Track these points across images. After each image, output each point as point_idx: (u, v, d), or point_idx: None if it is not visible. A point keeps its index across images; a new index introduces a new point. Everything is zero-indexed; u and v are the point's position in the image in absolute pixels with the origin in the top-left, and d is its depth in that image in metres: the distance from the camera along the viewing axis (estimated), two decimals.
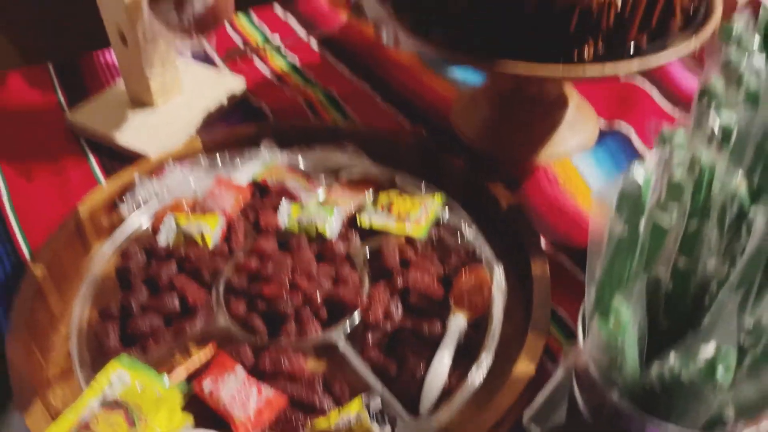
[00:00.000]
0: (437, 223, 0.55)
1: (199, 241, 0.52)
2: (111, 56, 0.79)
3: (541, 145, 0.65)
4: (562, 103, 0.66)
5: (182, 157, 0.60)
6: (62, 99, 0.73)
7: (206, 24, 0.59)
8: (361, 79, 0.77)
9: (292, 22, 0.88)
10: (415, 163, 0.61)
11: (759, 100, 0.39)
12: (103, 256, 0.53)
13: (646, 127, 0.69)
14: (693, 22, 0.57)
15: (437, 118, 0.71)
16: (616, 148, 0.66)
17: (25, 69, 0.77)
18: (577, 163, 0.65)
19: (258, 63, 0.80)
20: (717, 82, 0.39)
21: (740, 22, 0.45)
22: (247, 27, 0.86)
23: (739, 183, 0.34)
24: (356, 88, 0.76)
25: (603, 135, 0.68)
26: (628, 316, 0.31)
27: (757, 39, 0.43)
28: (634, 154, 0.66)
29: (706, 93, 0.39)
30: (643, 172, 0.32)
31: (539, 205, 0.60)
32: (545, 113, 0.66)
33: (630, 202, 0.33)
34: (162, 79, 0.68)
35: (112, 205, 0.56)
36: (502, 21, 0.52)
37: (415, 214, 0.54)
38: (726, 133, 0.37)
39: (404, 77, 0.77)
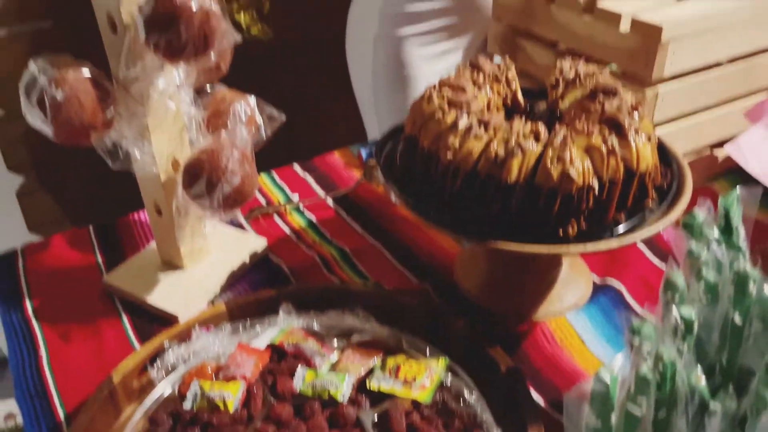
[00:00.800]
0: (441, 387, 0.59)
1: (221, 406, 0.57)
2: (145, 217, 0.87)
3: (538, 303, 0.71)
4: (556, 263, 0.72)
5: (208, 321, 0.66)
6: (100, 260, 0.81)
7: (234, 202, 0.67)
8: (373, 236, 0.84)
9: (310, 180, 0.96)
10: (421, 325, 0.66)
11: (718, 293, 0.44)
12: (133, 421, 0.58)
13: (637, 283, 0.74)
14: (667, 196, 0.63)
15: (442, 274, 0.77)
16: (609, 304, 0.71)
17: (68, 232, 0.85)
18: (572, 320, 0.69)
19: (278, 220, 0.88)
20: (678, 277, 0.44)
21: (701, 214, 0.51)
22: (269, 186, 0.95)
23: (698, 378, 0.39)
24: (368, 244, 0.82)
25: (596, 291, 0.73)
26: None
27: (715, 231, 0.49)
28: (626, 311, 0.70)
29: (669, 286, 0.44)
30: (609, 374, 0.37)
31: (538, 363, 0.65)
32: (541, 272, 0.71)
33: (600, 400, 0.37)
34: (191, 245, 0.75)
35: (143, 369, 0.62)
36: (493, 205, 0.59)
37: (421, 378, 0.58)
38: (688, 324, 0.42)
39: (412, 233, 0.84)
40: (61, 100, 0.56)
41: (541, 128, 0.59)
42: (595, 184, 0.58)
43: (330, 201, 0.91)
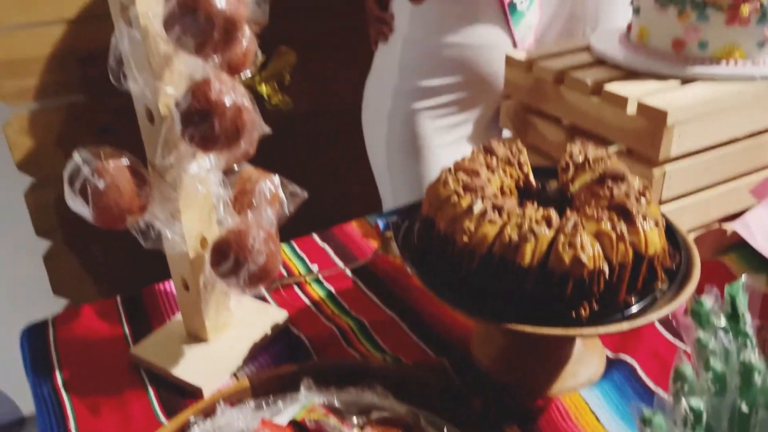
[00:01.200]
0: None
1: None
2: (171, 287, 0.91)
3: (552, 379, 0.72)
4: (570, 341, 0.73)
5: (232, 396, 0.68)
6: (127, 331, 0.84)
7: (258, 279, 0.70)
8: (390, 308, 0.86)
9: (329, 250, 1.00)
10: (438, 401, 0.67)
11: (725, 382, 0.46)
12: None
13: (650, 359, 0.75)
14: (676, 277, 0.66)
15: (459, 347, 0.79)
16: (622, 380, 0.73)
17: (97, 303, 0.88)
18: (587, 397, 0.71)
19: (298, 291, 0.91)
20: (686, 369, 0.46)
21: (708, 301, 0.53)
22: (290, 256, 0.98)
23: None
24: (385, 316, 0.85)
25: (610, 366, 0.74)
26: None
27: (723, 319, 0.51)
28: (640, 387, 0.72)
29: (678, 377, 0.46)
30: None
31: None
32: (555, 349, 0.73)
33: None
34: (216, 319, 0.78)
35: None
36: (507, 287, 0.61)
37: None
38: (697, 415, 0.44)
39: (429, 306, 0.86)
40: (102, 188, 0.61)
41: (553, 214, 0.63)
42: (606, 268, 0.60)
43: (348, 272, 0.94)
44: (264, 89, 1.51)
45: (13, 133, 1.27)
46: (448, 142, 1.27)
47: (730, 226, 0.92)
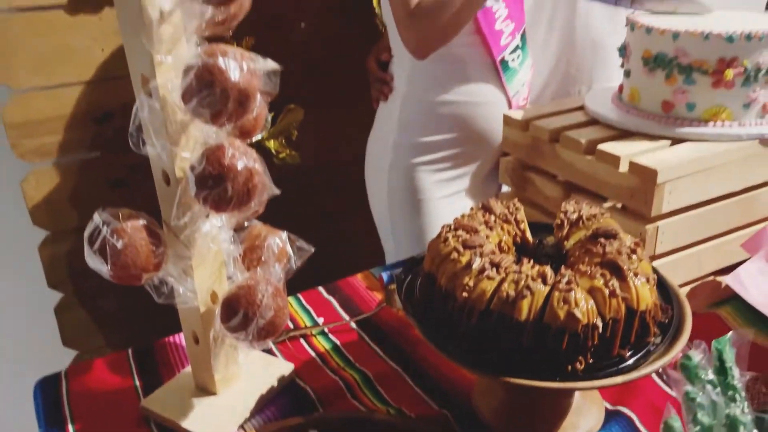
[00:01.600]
0: None
1: None
2: (181, 340, 0.93)
3: (553, 430, 0.74)
4: (569, 393, 0.75)
5: None
6: (138, 384, 0.86)
7: (267, 334, 0.73)
8: (394, 360, 0.88)
9: (334, 303, 1.02)
10: None
11: None
12: None
13: (647, 410, 0.77)
14: (669, 330, 0.68)
15: (461, 399, 0.80)
16: None
17: (109, 356, 0.91)
18: None
19: (304, 343, 0.93)
20: (675, 422, 0.49)
21: (696, 356, 0.56)
22: (296, 309, 1.01)
23: None
24: (389, 369, 0.87)
25: (609, 418, 0.76)
26: None
27: (710, 372, 0.54)
28: None
29: (667, 430, 0.49)
30: None
31: None
32: (555, 402, 0.75)
33: None
34: (225, 372, 0.80)
35: None
36: (505, 342, 0.64)
37: None
38: None
39: (432, 358, 0.88)
40: (121, 248, 0.64)
41: (548, 271, 0.66)
42: (599, 323, 0.63)
43: (353, 324, 0.97)
44: (273, 145, 1.57)
45: (30, 189, 1.32)
46: (446, 194, 1.31)
47: (725, 278, 0.94)
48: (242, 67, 0.61)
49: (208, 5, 0.60)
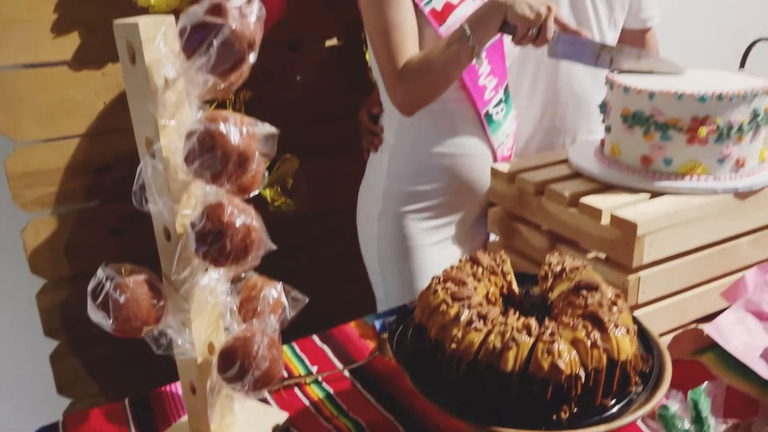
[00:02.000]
0: None
1: None
2: (176, 389, 0.95)
3: None
4: None
5: None
6: None
7: (262, 384, 0.75)
8: (386, 408, 0.90)
9: (328, 351, 1.04)
10: None
11: None
12: None
13: None
14: (650, 379, 0.71)
15: None
16: None
17: (106, 406, 0.92)
18: None
19: (298, 392, 0.95)
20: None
21: (673, 406, 0.58)
22: (290, 357, 1.03)
23: None
24: (382, 417, 0.89)
25: None
26: None
27: (686, 422, 0.57)
28: None
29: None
30: None
31: None
32: None
33: None
34: (221, 421, 0.82)
35: None
36: (493, 392, 0.66)
37: None
38: None
39: (423, 407, 0.90)
40: (123, 302, 0.67)
41: (533, 322, 0.69)
42: (582, 374, 0.66)
43: (347, 372, 0.99)
44: (268, 193, 1.61)
45: (29, 239, 1.35)
46: (435, 241, 1.34)
47: (705, 328, 0.97)
48: (242, 131, 0.65)
49: (210, 75, 0.64)
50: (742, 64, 1.32)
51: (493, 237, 1.25)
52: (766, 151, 1.00)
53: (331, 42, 1.64)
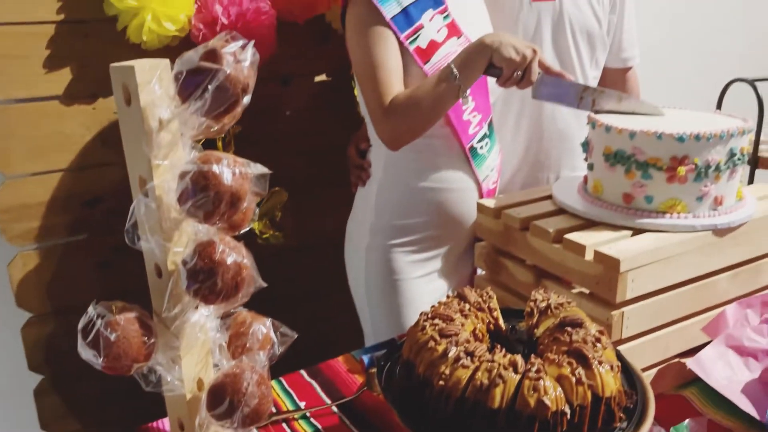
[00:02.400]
0: None
1: None
2: (164, 426, 0.94)
3: None
4: None
5: None
6: None
7: (251, 421, 0.75)
8: None
9: (316, 386, 1.05)
10: None
11: None
12: None
13: None
14: (634, 415, 0.72)
15: None
16: None
17: None
18: None
19: (286, 427, 0.95)
20: None
21: None
22: (278, 392, 1.03)
23: None
24: None
25: None
26: None
27: None
28: None
29: None
30: None
31: None
32: None
33: None
34: None
35: None
36: (480, 428, 0.67)
37: None
38: None
39: None
40: (114, 340, 0.67)
41: (519, 359, 0.70)
42: (567, 410, 0.67)
43: (335, 408, 0.99)
44: (257, 226, 1.61)
45: (16, 272, 1.34)
46: (422, 274, 1.36)
47: (688, 363, 0.99)
48: (235, 172, 0.66)
49: (205, 117, 0.66)
50: (719, 105, 1.36)
51: (479, 270, 1.27)
52: (743, 190, 1.03)
53: (321, 78, 1.67)
